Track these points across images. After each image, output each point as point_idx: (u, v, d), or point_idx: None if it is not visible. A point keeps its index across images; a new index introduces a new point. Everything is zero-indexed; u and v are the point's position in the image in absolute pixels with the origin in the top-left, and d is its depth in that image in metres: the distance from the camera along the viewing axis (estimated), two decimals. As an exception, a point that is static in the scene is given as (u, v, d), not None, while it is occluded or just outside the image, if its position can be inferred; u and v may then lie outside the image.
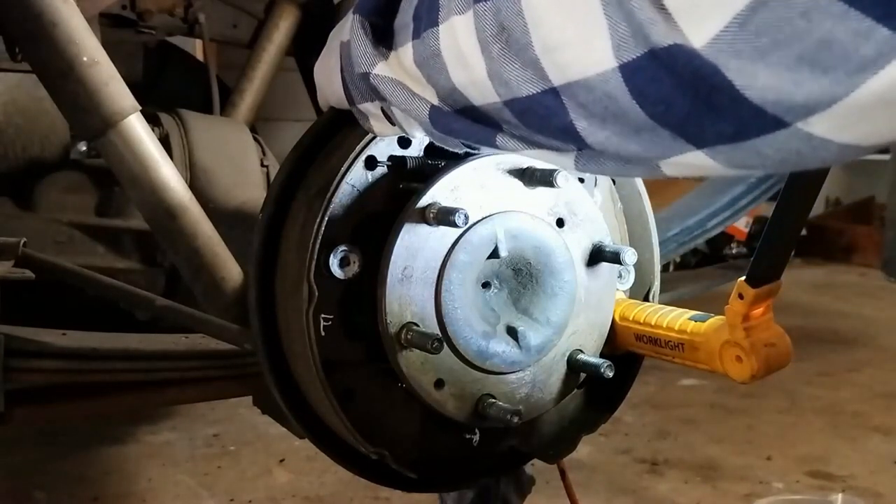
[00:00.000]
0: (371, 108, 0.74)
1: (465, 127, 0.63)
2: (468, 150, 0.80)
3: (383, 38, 0.68)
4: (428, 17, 0.60)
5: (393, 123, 0.73)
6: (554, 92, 0.50)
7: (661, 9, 0.41)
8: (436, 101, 0.63)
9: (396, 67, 0.66)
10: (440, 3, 0.58)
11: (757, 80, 0.39)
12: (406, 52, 0.64)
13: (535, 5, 0.49)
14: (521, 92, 0.53)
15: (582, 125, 0.51)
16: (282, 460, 2.36)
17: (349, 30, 0.71)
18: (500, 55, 0.53)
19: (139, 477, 2.26)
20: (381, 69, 0.68)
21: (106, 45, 1.17)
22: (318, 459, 2.24)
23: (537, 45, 0.50)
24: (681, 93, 0.43)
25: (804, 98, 0.38)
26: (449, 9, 0.57)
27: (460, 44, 0.56)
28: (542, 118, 0.53)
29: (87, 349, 1.28)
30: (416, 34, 0.62)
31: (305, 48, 2.23)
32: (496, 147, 0.62)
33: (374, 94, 0.71)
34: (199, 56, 2.70)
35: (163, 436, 2.54)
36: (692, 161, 0.47)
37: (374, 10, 0.69)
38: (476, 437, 0.92)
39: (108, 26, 2.03)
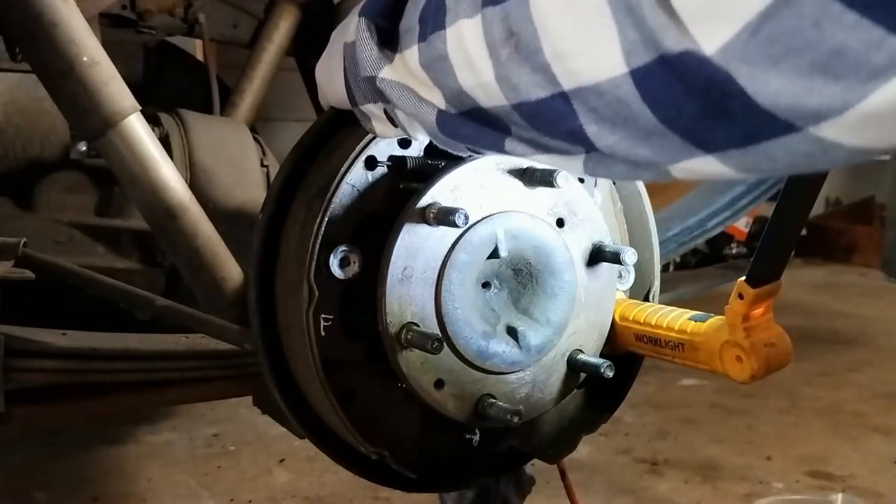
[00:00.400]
0: (374, 109, 0.74)
1: (473, 132, 0.63)
2: (472, 154, 0.80)
3: (388, 41, 0.68)
4: (434, 20, 0.60)
5: (395, 125, 0.73)
6: (564, 96, 0.51)
7: (672, 15, 0.41)
8: (443, 105, 0.63)
9: (402, 70, 0.66)
10: (447, 6, 0.58)
11: (769, 87, 0.39)
12: (412, 54, 0.64)
13: (544, 11, 0.49)
14: (531, 96, 0.53)
15: (592, 129, 0.51)
16: (282, 460, 2.36)
17: (354, 32, 0.70)
18: (509, 59, 0.53)
19: (139, 477, 2.26)
20: (387, 73, 0.67)
21: (106, 45, 1.17)
22: (318, 459, 2.24)
23: (547, 50, 0.50)
24: (692, 98, 0.43)
25: (816, 105, 0.38)
26: (456, 12, 0.57)
27: (468, 47, 0.56)
28: (552, 122, 0.53)
29: (87, 349, 1.27)
30: (423, 37, 0.62)
31: (305, 48, 2.23)
32: (505, 153, 0.62)
33: (378, 97, 0.71)
34: (199, 56, 2.70)
35: (163, 436, 2.54)
36: (701, 166, 0.47)
37: (379, 12, 0.69)
38: (476, 437, 0.92)
39: (108, 26, 2.03)
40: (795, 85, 0.38)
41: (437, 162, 0.85)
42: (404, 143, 0.85)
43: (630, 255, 0.91)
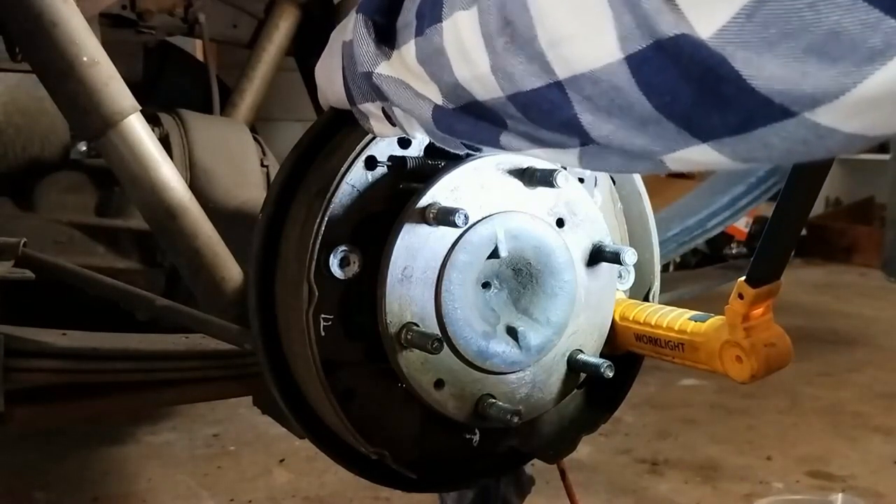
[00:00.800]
0: (371, 108, 0.74)
1: (469, 127, 0.63)
2: (469, 151, 0.80)
3: (386, 38, 0.68)
4: (431, 14, 0.60)
5: (393, 124, 0.73)
6: (559, 85, 0.50)
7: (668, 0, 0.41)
8: (439, 100, 0.63)
9: (399, 66, 0.66)
10: (440, 2, 0.58)
11: (764, 71, 0.39)
12: (409, 49, 0.64)
13: None
14: (526, 86, 0.53)
15: (587, 119, 0.51)
16: (282, 460, 2.36)
17: (352, 29, 0.71)
18: (505, 49, 0.53)
19: (139, 477, 2.26)
20: (384, 69, 0.67)
21: (106, 45, 1.17)
22: (318, 459, 2.24)
23: (543, 38, 0.49)
24: (687, 83, 0.43)
25: (812, 88, 0.38)
26: (453, 4, 0.57)
27: (464, 39, 0.56)
28: (547, 112, 0.53)
29: (87, 349, 1.27)
30: (420, 31, 0.62)
31: (305, 48, 2.23)
32: (500, 147, 0.62)
33: (376, 94, 0.71)
34: (199, 56, 2.70)
35: (163, 436, 2.54)
36: (697, 155, 0.47)
37: (377, 9, 0.69)
38: (476, 438, 0.92)
39: (108, 26, 2.03)
40: (791, 69, 0.38)
41: (437, 162, 0.85)
42: (404, 143, 0.85)
43: (630, 255, 0.91)
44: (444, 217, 0.79)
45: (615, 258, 0.91)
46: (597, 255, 0.92)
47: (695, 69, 0.42)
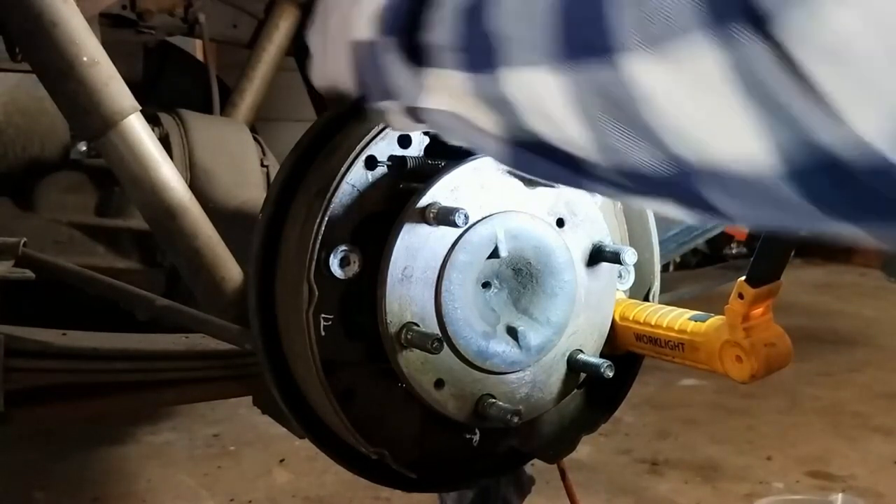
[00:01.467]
0: (391, 105, 0.65)
1: (546, 168, 0.54)
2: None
3: (416, 57, 0.59)
4: (479, 56, 0.52)
5: (420, 120, 0.65)
6: (683, 170, 0.43)
7: (820, 101, 0.36)
8: (504, 135, 0.55)
9: (444, 95, 0.57)
10: (493, 44, 0.50)
11: None
12: (454, 78, 0.55)
13: (648, 88, 0.41)
14: (636, 162, 0.45)
15: (715, 197, 0.44)
16: (282, 460, 2.36)
17: (369, 38, 0.63)
18: (607, 121, 0.45)
19: (139, 477, 2.26)
20: (429, 101, 0.59)
21: (106, 45, 1.17)
22: (318, 459, 2.23)
23: (660, 128, 0.42)
24: (848, 189, 0.38)
25: None
26: (511, 57, 0.49)
27: (542, 98, 0.48)
28: (661, 185, 0.46)
29: (87, 349, 1.27)
30: (469, 68, 0.53)
31: (305, 48, 2.22)
32: (581, 188, 0.56)
33: (415, 120, 0.63)
34: (199, 56, 2.70)
35: (163, 436, 2.54)
36: (840, 230, 0.42)
37: (401, 28, 0.60)
38: (476, 438, 0.92)
39: (108, 26, 2.03)
40: None
41: (438, 161, 0.85)
42: (404, 143, 0.85)
43: (630, 255, 0.91)
44: (445, 217, 0.79)
45: (615, 258, 0.91)
46: (597, 255, 0.92)
47: (866, 178, 0.37)
